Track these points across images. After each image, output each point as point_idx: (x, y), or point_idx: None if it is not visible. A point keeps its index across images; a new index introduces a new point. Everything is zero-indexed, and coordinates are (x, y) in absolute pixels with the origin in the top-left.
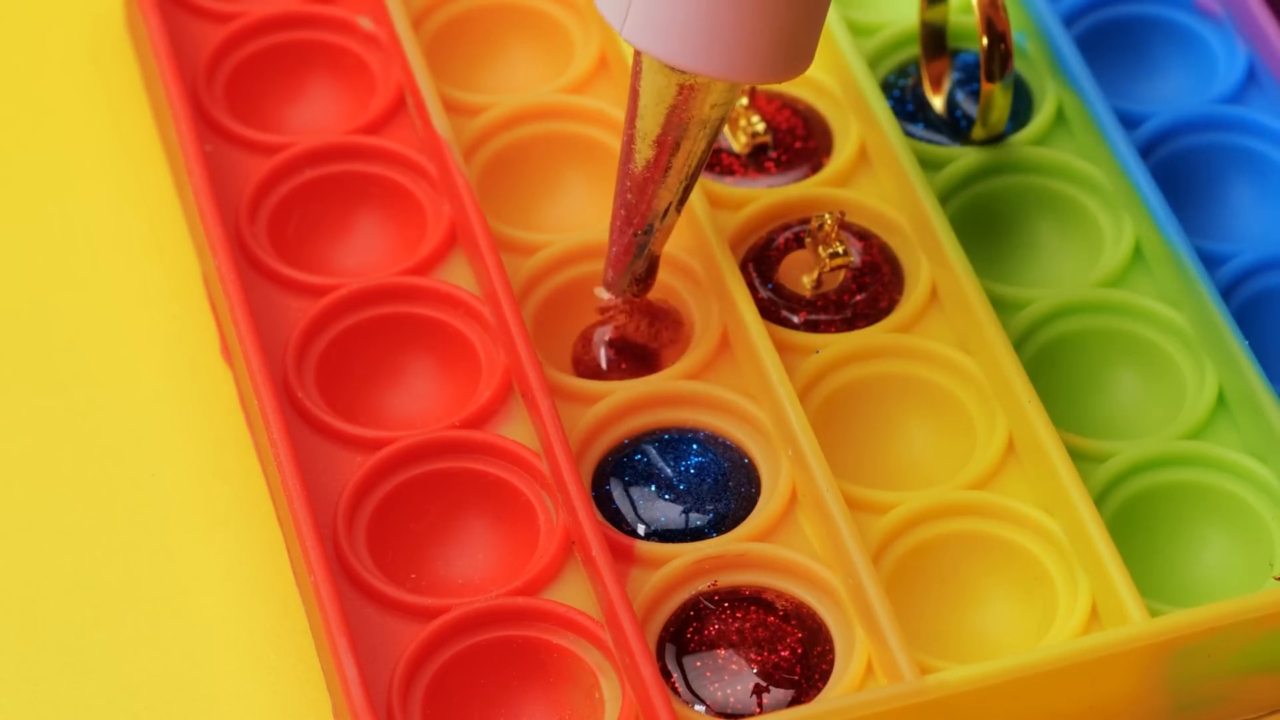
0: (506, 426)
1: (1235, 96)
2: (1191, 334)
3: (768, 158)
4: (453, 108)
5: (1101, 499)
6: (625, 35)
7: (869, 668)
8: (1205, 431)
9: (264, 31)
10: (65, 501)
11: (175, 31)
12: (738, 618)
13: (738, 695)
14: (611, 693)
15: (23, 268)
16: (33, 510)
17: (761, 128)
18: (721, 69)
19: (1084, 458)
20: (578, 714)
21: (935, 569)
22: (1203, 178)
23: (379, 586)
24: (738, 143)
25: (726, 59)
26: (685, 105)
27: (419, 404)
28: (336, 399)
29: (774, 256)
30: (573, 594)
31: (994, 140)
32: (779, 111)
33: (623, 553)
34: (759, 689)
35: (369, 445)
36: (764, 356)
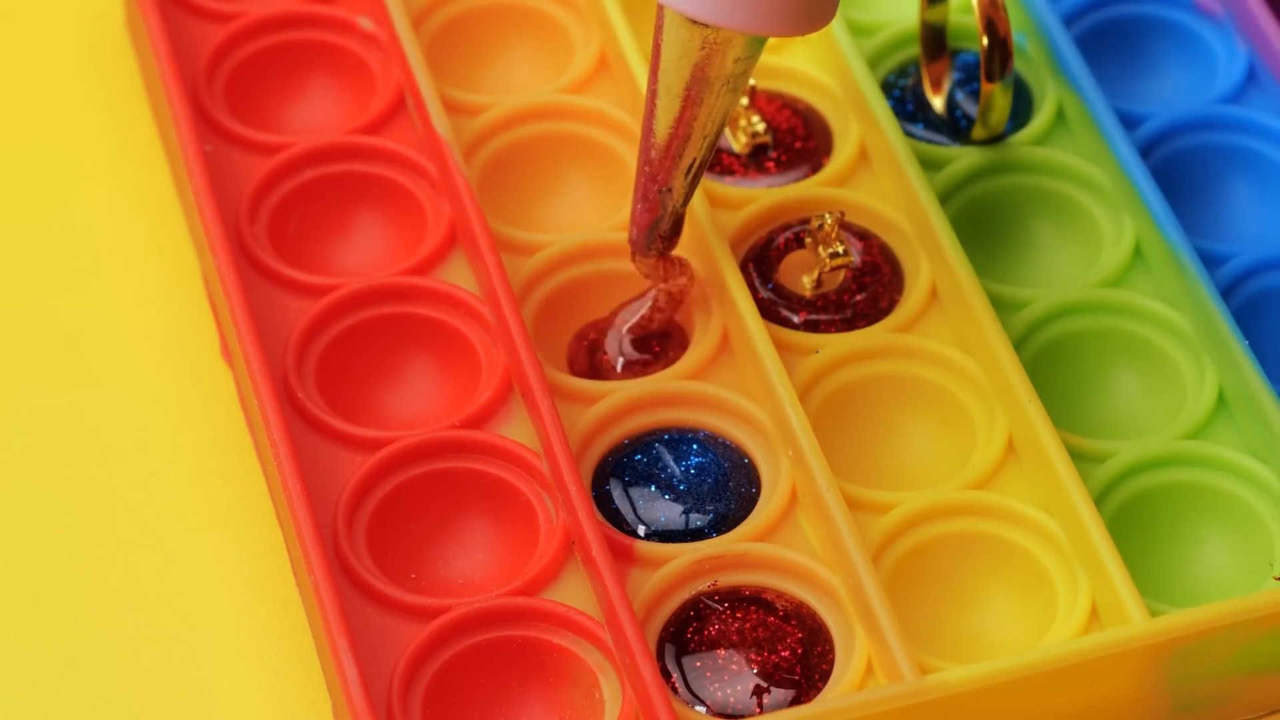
0: (506, 426)
1: (1235, 96)
2: (1191, 334)
3: (768, 158)
4: (453, 108)
5: (1101, 499)
6: None
7: (869, 668)
8: (1205, 431)
9: (264, 31)
10: (65, 501)
11: (175, 31)
12: (738, 618)
13: (738, 695)
14: (611, 693)
15: (23, 268)
16: (33, 510)
17: (761, 128)
18: (744, 22)
19: (1084, 458)
20: (578, 714)
21: (935, 569)
22: (1202, 178)
23: (379, 586)
24: (738, 143)
25: (749, 12)
26: (708, 60)
27: (419, 404)
28: (336, 399)
29: (774, 256)
30: (573, 594)
31: (994, 140)
32: (779, 111)
33: (623, 553)
34: (759, 689)
35: (369, 445)
36: (764, 356)
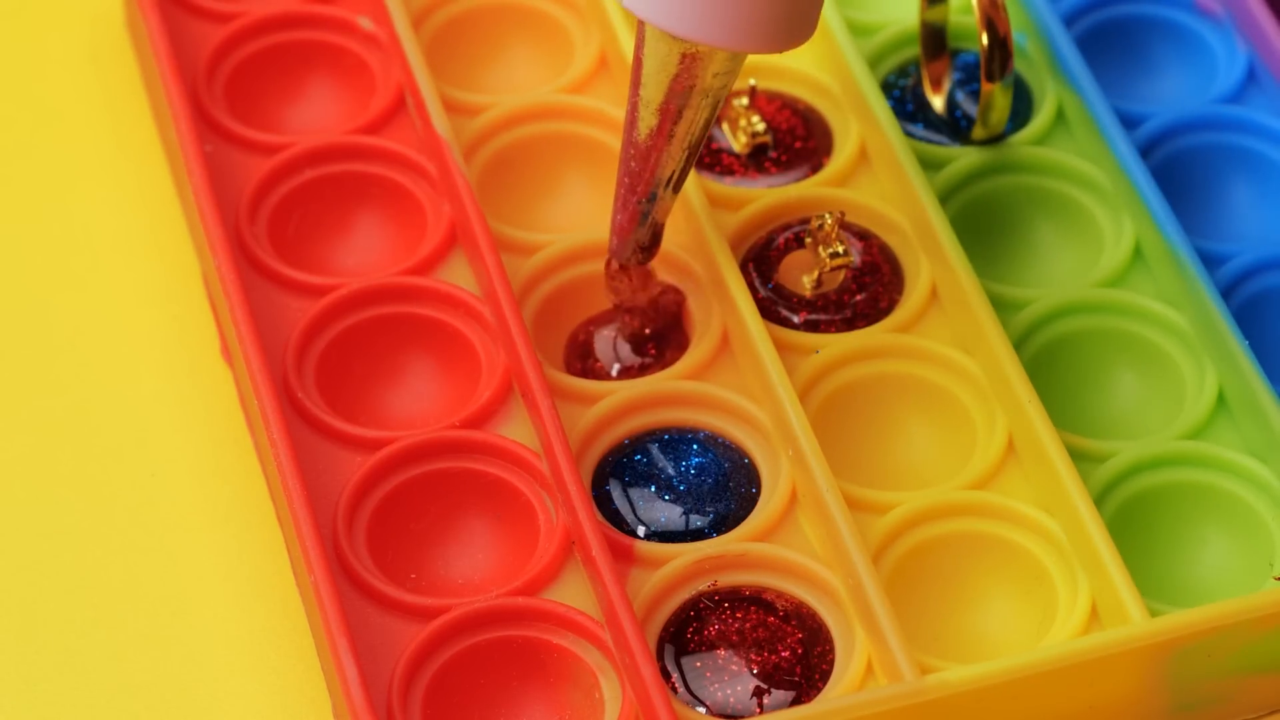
0: (506, 426)
1: (1235, 96)
2: (1191, 334)
3: (768, 158)
4: (453, 108)
5: (1101, 499)
6: (626, 4)
7: (869, 668)
8: (1205, 431)
9: (264, 31)
10: (65, 501)
11: (175, 31)
12: (738, 618)
13: (738, 695)
14: (611, 693)
15: (23, 268)
16: (33, 510)
17: (761, 128)
18: (723, 38)
19: (1084, 458)
20: (578, 714)
21: (935, 569)
22: (1203, 178)
23: (379, 586)
24: (738, 143)
25: (728, 28)
26: (687, 74)
27: (419, 404)
28: (336, 399)
29: (774, 256)
30: (573, 594)
31: (994, 140)
32: (779, 111)
33: (623, 553)
34: (759, 689)
35: (369, 445)
36: (764, 356)
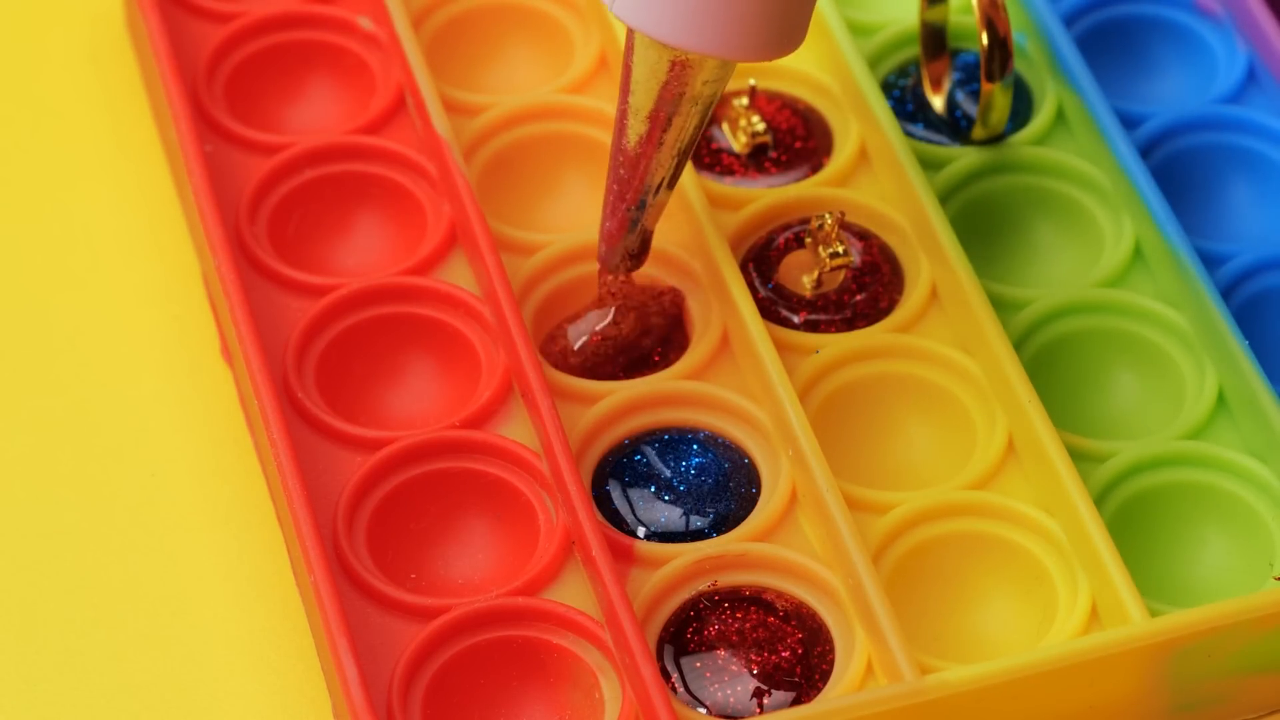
0: (506, 426)
1: (1235, 96)
2: (1191, 334)
3: (768, 158)
4: (453, 108)
5: (1101, 499)
6: (615, 11)
7: (869, 668)
8: (1205, 431)
9: (264, 31)
10: (65, 501)
11: (175, 31)
12: (738, 618)
13: (738, 696)
14: (611, 693)
15: (23, 268)
16: (33, 510)
17: (761, 128)
18: (712, 46)
19: (1084, 458)
20: (578, 714)
21: (935, 569)
22: (1203, 178)
23: (379, 586)
24: (738, 143)
25: (717, 36)
26: (677, 82)
27: (419, 404)
28: (336, 399)
29: (774, 256)
30: (573, 594)
31: (994, 140)
32: (779, 111)
33: (623, 553)
34: (759, 689)
35: (369, 445)
36: (764, 356)
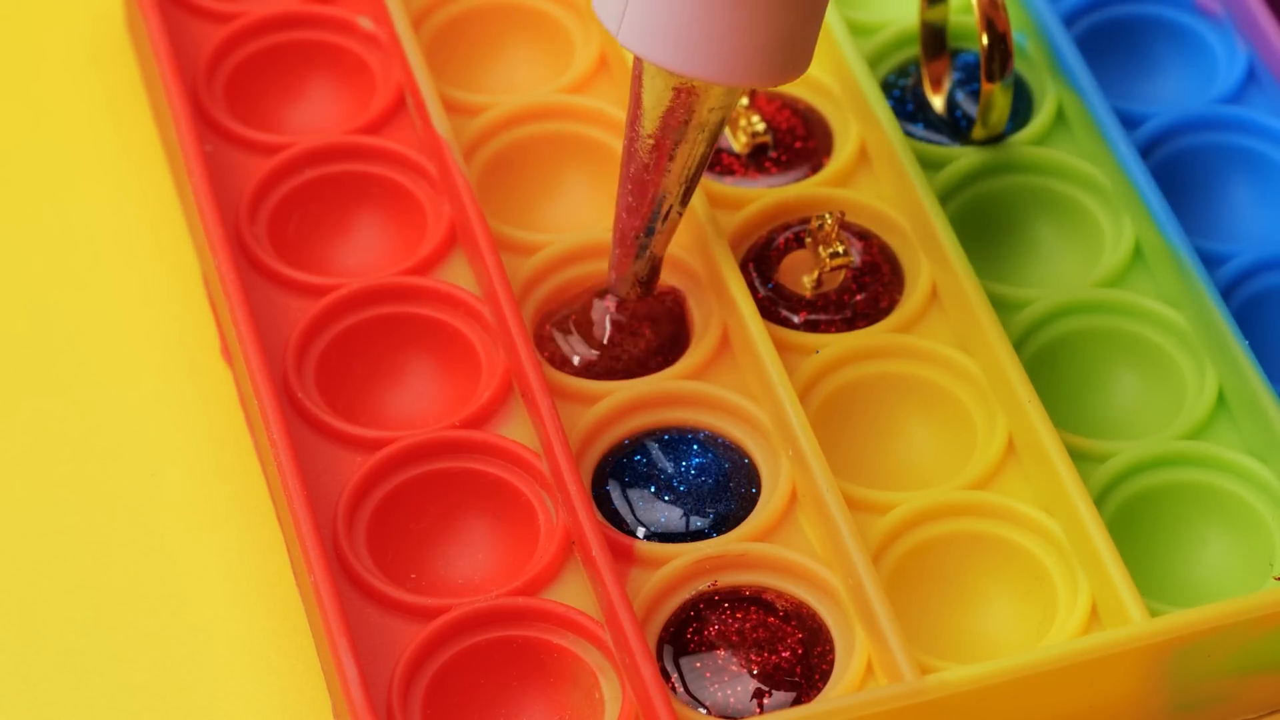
0: (506, 426)
1: (1235, 96)
2: (1191, 334)
3: (768, 158)
4: (453, 108)
5: (1101, 499)
6: (622, 40)
7: (869, 668)
8: (1205, 431)
9: (264, 31)
10: (65, 501)
11: (175, 31)
12: (738, 618)
13: (738, 696)
14: (611, 693)
15: (23, 268)
16: (33, 510)
17: (761, 128)
18: (718, 73)
19: (1084, 458)
20: (578, 714)
21: (935, 569)
22: (1203, 178)
23: (379, 586)
24: (738, 143)
25: (723, 63)
26: (683, 108)
27: (419, 404)
28: (336, 399)
29: (774, 256)
30: (573, 594)
31: (994, 140)
32: (779, 111)
33: (623, 553)
34: (759, 690)
35: (369, 445)
36: (764, 356)
